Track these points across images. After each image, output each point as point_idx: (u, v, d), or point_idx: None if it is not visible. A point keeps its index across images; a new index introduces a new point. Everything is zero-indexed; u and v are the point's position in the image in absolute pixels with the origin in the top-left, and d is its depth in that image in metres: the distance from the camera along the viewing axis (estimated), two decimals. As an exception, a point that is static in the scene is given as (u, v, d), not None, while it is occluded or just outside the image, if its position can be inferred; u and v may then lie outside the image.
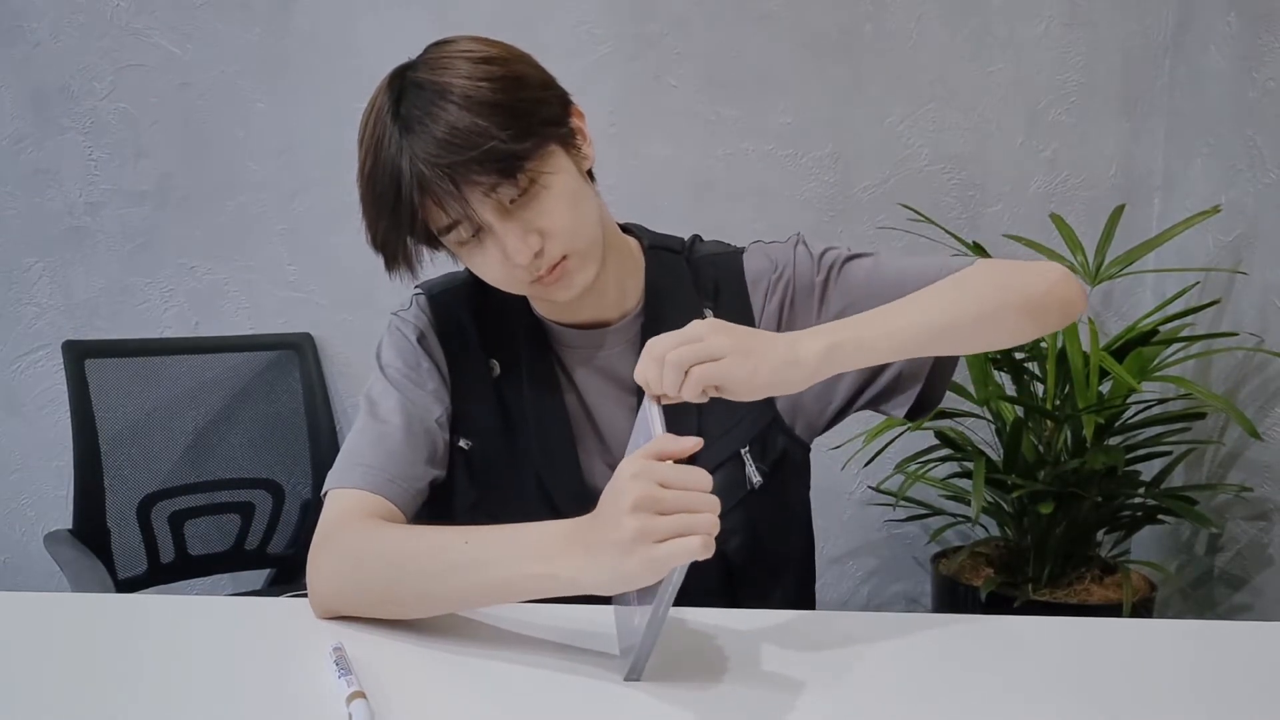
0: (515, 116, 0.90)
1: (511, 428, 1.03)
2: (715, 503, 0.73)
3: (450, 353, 1.05)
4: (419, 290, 1.09)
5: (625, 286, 1.05)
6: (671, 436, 0.76)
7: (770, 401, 1.04)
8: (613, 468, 0.79)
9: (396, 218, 0.91)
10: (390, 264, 0.97)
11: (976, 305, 0.93)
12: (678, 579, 0.74)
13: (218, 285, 2.17)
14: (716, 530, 0.73)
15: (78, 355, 1.83)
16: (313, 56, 2.11)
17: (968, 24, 2.11)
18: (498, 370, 1.04)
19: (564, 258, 0.94)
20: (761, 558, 1.04)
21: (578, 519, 0.80)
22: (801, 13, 2.10)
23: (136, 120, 2.12)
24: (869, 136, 2.14)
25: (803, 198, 2.15)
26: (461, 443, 1.03)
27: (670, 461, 0.75)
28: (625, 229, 1.10)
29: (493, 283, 0.97)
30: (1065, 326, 0.99)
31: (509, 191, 0.90)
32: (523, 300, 1.06)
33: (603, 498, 0.77)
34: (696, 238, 1.13)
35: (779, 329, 1.05)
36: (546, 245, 0.92)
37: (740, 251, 1.10)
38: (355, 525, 0.92)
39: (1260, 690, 0.82)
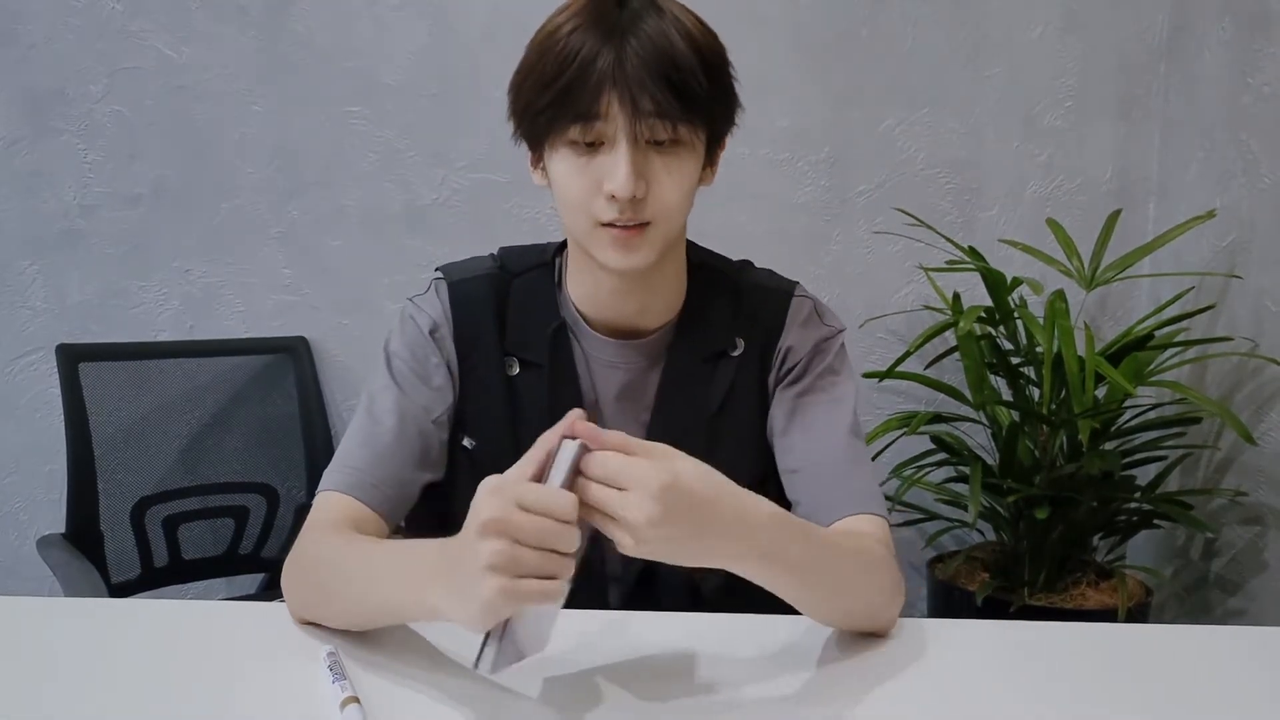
0: (715, 81, 0.92)
1: (521, 428, 0.99)
2: (574, 536, 0.67)
3: (463, 348, 1.01)
4: (439, 275, 1.05)
5: (670, 296, 1.03)
6: (557, 490, 0.68)
7: (769, 457, 1.02)
8: None
9: (572, 88, 0.88)
10: (523, 131, 0.94)
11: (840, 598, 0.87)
12: (553, 610, 0.72)
13: (212, 289, 2.17)
14: (571, 574, 0.68)
15: (72, 359, 1.83)
16: (308, 59, 2.11)
17: (963, 28, 2.11)
18: (516, 369, 1.01)
19: (647, 223, 0.92)
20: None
21: (445, 540, 0.73)
22: (798, 17, 2.10)
23: (131, 123, 2.12)
24: (865, 140, 2.14)
25: (799, 201, 2.15)
26: (465, 441, 1.01)
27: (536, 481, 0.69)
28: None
29: (568, 206, 0.93)
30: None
31: (660, 130, 0.89)
32: (551, 300, 1.03)
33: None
34: (748, 263, 1.11)
35: (769, 392, 1.04)
36: (647, 200, 0.91)
37: (789, 294, 1.07)
38: (318, 533, 0.92)
39: (1255, 694, 0.82)
